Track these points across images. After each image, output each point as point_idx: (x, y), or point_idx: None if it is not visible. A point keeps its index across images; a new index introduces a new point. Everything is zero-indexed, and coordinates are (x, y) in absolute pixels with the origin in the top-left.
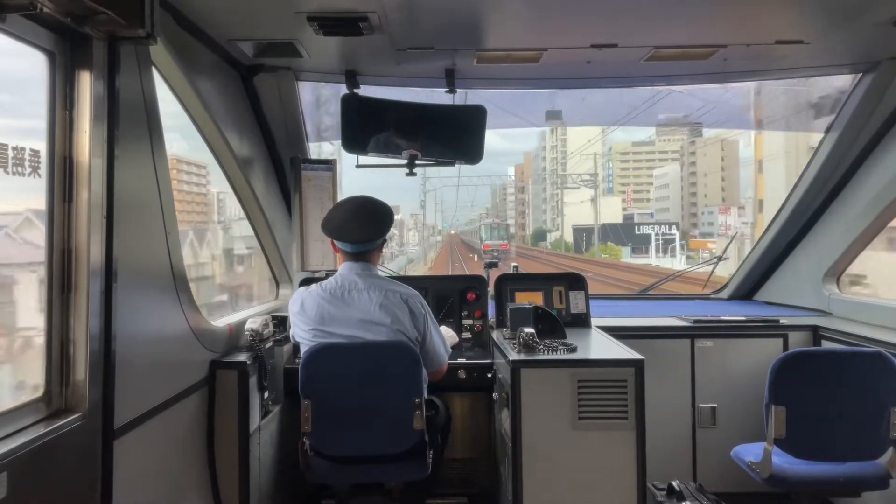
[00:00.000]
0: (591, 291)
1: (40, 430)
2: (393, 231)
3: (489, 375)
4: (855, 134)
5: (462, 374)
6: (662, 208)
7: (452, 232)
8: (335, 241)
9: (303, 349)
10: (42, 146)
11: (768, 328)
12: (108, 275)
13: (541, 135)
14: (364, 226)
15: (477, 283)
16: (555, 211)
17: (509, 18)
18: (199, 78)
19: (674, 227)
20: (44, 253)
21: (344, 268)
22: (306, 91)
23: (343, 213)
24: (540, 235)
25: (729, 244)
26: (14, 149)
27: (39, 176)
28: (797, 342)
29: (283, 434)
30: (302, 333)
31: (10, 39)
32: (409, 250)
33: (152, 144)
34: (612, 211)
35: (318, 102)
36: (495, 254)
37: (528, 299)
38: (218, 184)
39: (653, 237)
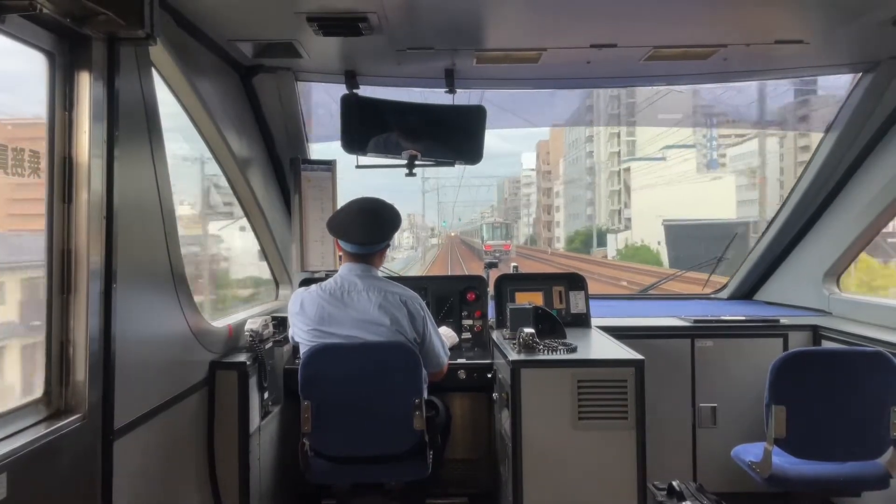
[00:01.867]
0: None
1: (40, 430)
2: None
3: (489, 376)
4: (855, 134)
5: (462, 374)
6: (743, 200)
7: (452, 234)
8: (338, 241)
9: (302, 349)
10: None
11: (768, 328)
12: (107, 275)
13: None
14: (368, 228)
15: (477, 283)
16: (613, 199)
17: (509, 18)
18: (199, 78)
19: None
20: (43, 253)
21: (344, 268)
22: (306, 92)
23: (349, 213)
24: (596, 238)
25: (731, 242)
26: (14, 150)
27: (39, 177)
28: (797, 342)
29: (283, 434)
30: (301, 334)
31: (9, 40)
32: (397, 256)
33: (152, 145)
34: (715, 199)
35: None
36: (497, 254)
37: (528, 299)
38: None
39: None
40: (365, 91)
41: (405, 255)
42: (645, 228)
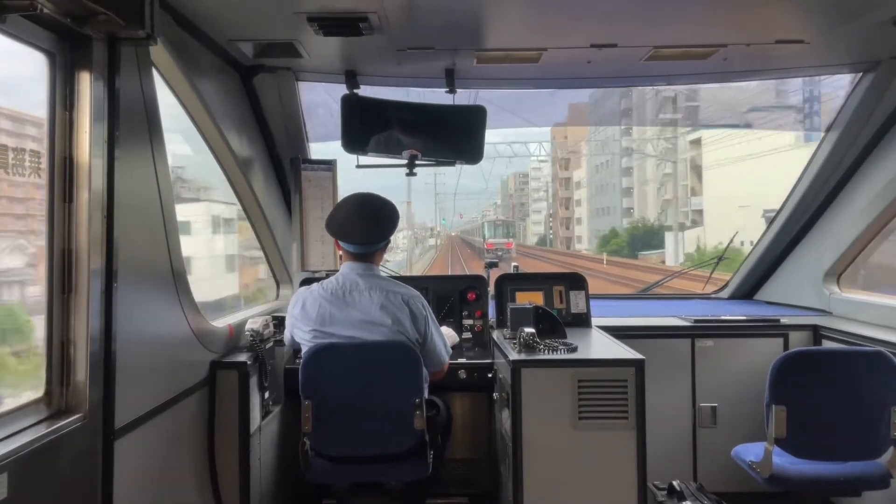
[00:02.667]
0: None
1: (41, 430)
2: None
3: (490, 375)
4: (855, 133)
5: (462, 374)
6: None
7: (453, 234)
8: (338, 241)
9: (303, 349)
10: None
11: (769, 328)
12: (108, 275)
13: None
14: (368, 228)
15: (477, 282)
16: (668, 186)
17: (509, 18)
18: (199, 78)
19: None
20: (44, 253)
21: (346, 267)
22: (306, 91)
23: (347, 212)
24: (646, 237)
25: (730, 242)
26: (14, 150)
27: (40, 177)
28: (797, 342)
29: (283, 434)
30: (302, 334)
31: (10, 40)
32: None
33: (152, 145)
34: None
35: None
36: (500, 253)
37: (529, 299)
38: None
39: None
40: (365, 91)
41: (400, 257)
42: (724, 222)
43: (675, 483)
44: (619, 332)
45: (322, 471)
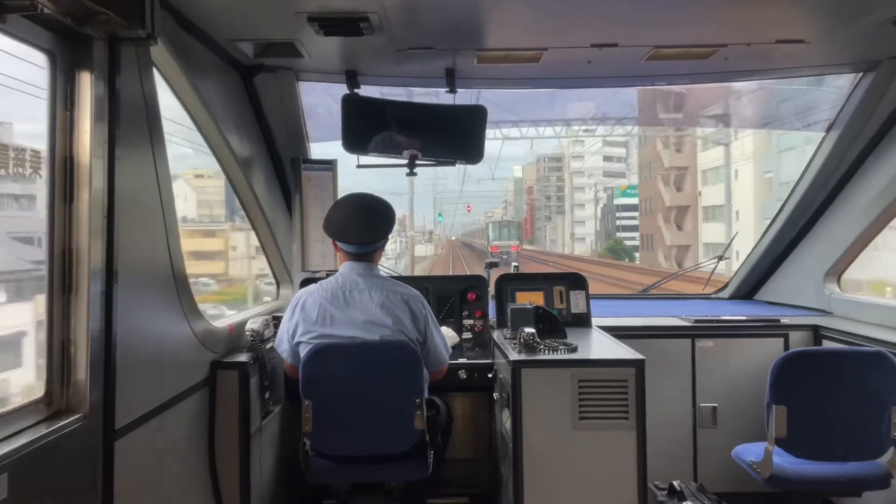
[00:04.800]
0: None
1: (41, 430)
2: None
3: (490, 375)
4: (855, 133)
5: (463, 374)
6: None
7: (453, 238)
8: (336, 242)
9: (303, 350)
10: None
11: (769, 328)
12: (108, 275)
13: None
14: (366, 228)
15: (477, 283)
16: None
17: (509, 18)
18: (200, 78)
19: None
20: (44, 253)
21: (345, 267)
22: (306, 91)
23: (344, 213)
24: None
25: (731, 242)
26: (15, 149)
27: (40, 176)
28: (798, 342)
29: (283, 434)
30: (300, 336)
31: (10, 40)
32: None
33: (153, 145)
34: None
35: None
36: (505, 256)
37: (529, 299)
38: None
39: None
40: (366, 91)
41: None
42: None
43: (675, 483)
44: (620, 333)
45: (322, 471)
